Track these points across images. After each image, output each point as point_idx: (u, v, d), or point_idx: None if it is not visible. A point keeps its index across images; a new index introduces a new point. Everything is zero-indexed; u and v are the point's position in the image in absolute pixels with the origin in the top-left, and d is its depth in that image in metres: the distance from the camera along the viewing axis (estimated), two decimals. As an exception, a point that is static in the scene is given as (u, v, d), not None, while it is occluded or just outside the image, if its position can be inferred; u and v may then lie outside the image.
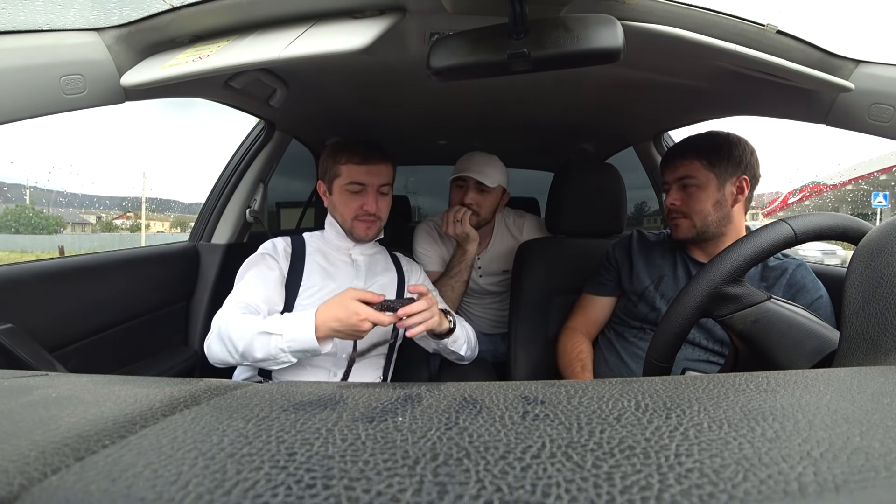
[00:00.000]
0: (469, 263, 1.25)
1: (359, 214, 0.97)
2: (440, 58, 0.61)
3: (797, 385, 0.23)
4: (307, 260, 0.98)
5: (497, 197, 1.29)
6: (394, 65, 0.96)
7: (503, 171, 1.29)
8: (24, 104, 0.61)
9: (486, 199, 1.26)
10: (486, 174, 1.23)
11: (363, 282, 1.00)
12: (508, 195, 1.35)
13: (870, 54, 0.74)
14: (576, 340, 1.02)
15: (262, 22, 0.70)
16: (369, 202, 0.96)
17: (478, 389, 0.25)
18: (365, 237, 0.99)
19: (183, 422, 0.20)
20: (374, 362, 0.99)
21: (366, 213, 0.96)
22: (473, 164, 1.25)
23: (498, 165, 1.28)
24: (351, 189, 0.96)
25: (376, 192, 0.97)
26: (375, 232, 1.00)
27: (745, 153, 0.88)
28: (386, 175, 0.98)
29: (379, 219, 0.99)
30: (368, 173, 0.96)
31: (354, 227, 0.98)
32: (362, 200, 0.96)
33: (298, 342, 0.76)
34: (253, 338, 0.77)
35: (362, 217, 0.97)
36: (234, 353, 0.78)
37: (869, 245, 0.36)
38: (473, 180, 1.23)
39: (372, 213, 0.97)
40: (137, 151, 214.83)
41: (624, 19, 0.60)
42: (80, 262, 0.93)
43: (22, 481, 0.15)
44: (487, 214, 1.28)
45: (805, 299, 0.83)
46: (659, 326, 0.56)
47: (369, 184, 0.96)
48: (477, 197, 1.25)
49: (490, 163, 1.26)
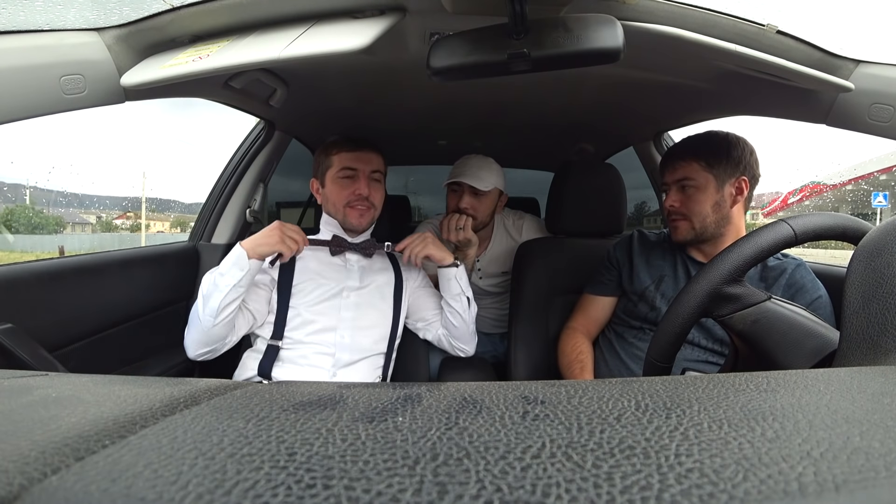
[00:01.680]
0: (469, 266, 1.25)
1: (351, 200, 0.97)
2: (440, 58, 0.61)
3: (797, 385, 0.23)
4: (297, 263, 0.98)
5: (493, 200, 1.29)
6: (394, 65, 0.96)
7: (498, 174, 1.29)
8: (24, 104, 0.61)
9: (481, 203, 1.26)
10: (480, 178, 1.23)
11: (357, 281, 1.00)
12: (506, 197, 1.35)
13: (870, 54, 0.74)
14: (576, 341, 1.02)
15: (262, 22, 0.70)
16: (361, 186, 0.97)
17: (478, 389, 0.25)
18: (358, 225, 0.99)
19: (183, 422, 0.20)
20: (373, 361, 0.99)
21: (358, 197, 0.97)
22: (467, 168, 1.25)
23: (493, 168, 1.28)
24: (343, 175, 0.97)
25: (368, 178, 0.98)
26: (369, 220, 1.00)
27: (744, 153, 0.87)
28: (377, 163, 1.00)
29: (372, 206, 0.99)
30: (359, 159, 0.98)
31: (348, 215, 0.98)
32: (354, 186, 0.97)
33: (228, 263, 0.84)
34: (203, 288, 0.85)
35: (355, 203, 0.97)
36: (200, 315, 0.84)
37: (869, 245, 0.36)
38: (468, 185, 1.23)
39: (365, 198, 0.97)
40: (137, 151, 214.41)
41: (624, 19, 0.60)
42: (80, 262, 0.93)
43: (22, 481, 0.15)
44: (484, 218, 1.28)
45: (804, 299, 0.83)
46: (659, 326, 0.56)
47: (360, 169, 0.97)
48: (472, 201, 1.25)
49: (484, 166, 1.26)
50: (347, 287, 0.98)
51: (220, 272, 0.84)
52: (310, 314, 0.94)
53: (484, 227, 1.31)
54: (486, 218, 1.29)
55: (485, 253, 1.38)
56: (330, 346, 0.93)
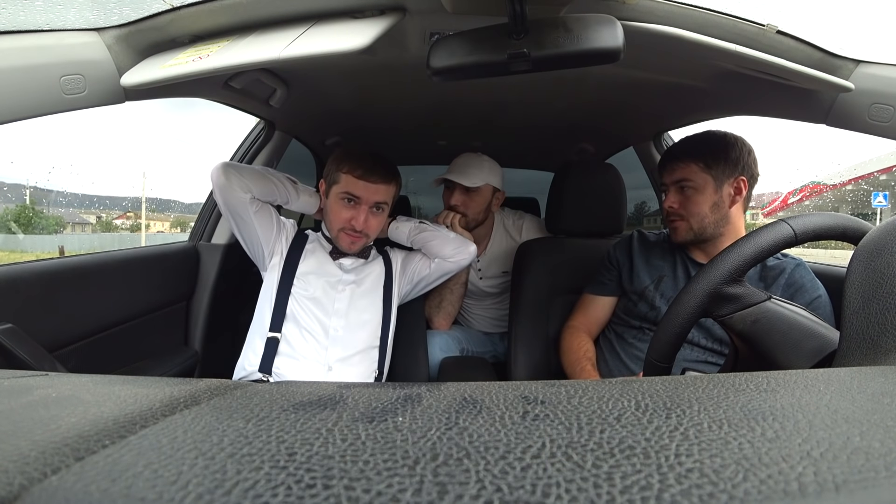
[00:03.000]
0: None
1: (345, 227, 0.96)
2: (440, 58, 0.61)
3: (797, 385, 0.23)
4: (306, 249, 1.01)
5: (486, 196, 1.29)
6: (394, 65, 0.96)
7: (490, 171, 1.29)
8: (24, 104, 0.61)
9: (472, 200, 1.26)
10: (468, 175, 1.24)
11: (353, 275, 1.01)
12: (502, 194, 1.34)
13: (870, 54, 0.74)
14: (581, 338, 1.02)
15: (262, 22, 0.70)
16: (359, 218, 0.94)
17: (478, 389, 0.25)
18: (348, 250, 0.99)
19: (183, 422, 0.20)
20: (368, 355, 1.00)
21: (352, 227, 0.95)
22: (457, 166, 1.27)
23: (483, 165, 1.28)
24: (344, 199, 0.95)
25: (369, 210, 0.95)
26: (359, 247, 0.99)
27: (742, 153, 0.87)
28: (384, 194, 0.97)
29: (366, 236, 0.98)
30: (366, 189, 0.94)
31: (339, 238, 0.98)
32: (352, 213, 0.95)
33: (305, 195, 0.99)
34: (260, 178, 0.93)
35: (349, 230, 0.96)
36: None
37: (869, 245, 0.36)
38: (456, 182, 1.24)
39: (358, 231, 0.95)
40: (137, 151, 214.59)
41: (624, 19, 0.60)
42: (80, 262, 0.93)
43: (22, 481, 0.15)
44: (476, 215, 1.28)
45: (804, 299, 0.83)
46: (659, 326, 0.56)
47: (364, 199, 0.95)
48: (463, 198, 1.25)
49: (474, 164, 1.27)
50: (343, 280, 0.99)
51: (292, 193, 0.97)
52: (306, 307, 0.96)
53: (479, 224, 1.31)
54: (478, 215, 1.29)
55: (484, 253, 1.38)
56: (325, 340, 0.94)
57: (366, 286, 1.02)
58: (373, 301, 1.02)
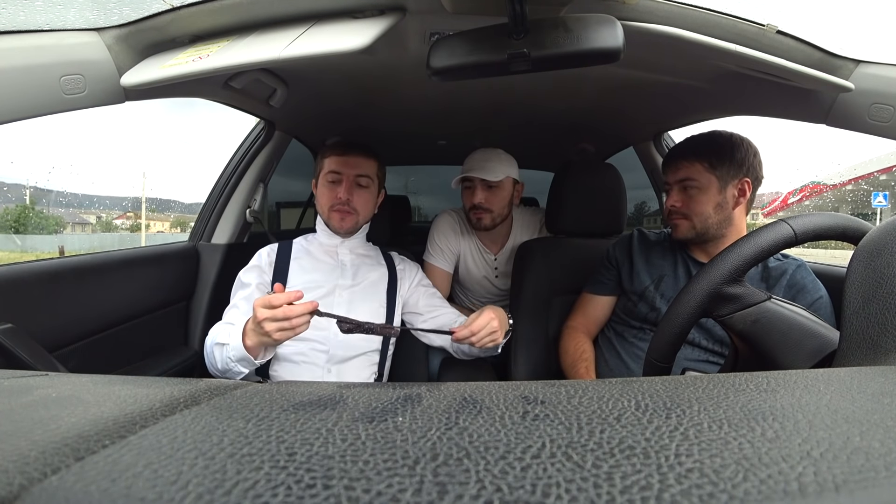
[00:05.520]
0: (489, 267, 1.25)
1: (334, 204, 0.98)
2: (440, 58, 0.61)
3: (797, 385, 0.23)
4: (291, 265, 0.99)
5: (508, 189, 1.26)
6: (394, 65, 0.96)
7: (509, 163, 1.26)
8: (24, 104, 0.61)
9: (495, 195, 1.23)
10: (490, 169, 1.21)
11: (350, 279, 1.00)
12: (522, 186, 1.32)
13: (870, 54, 0.74)
14: (578, 340, 1.02)
15: (262, 22, 0.70)
16: (341, 190, 0.97)
17: (478, 389, 0.25)
18: (340, 229, 1.00)
19: (183, 422, 0.20)
20: (368, 358, 1.00)
21: (338, 200, 0.97)
22: (476, 161, 1.24)
23: (502, 158, 1.25)
24: (329, 179, 0.98)
25: (352, 183, 0.99)
26: (350, 224, 1.00)
27: (747, 155, 0.87)
28: (365, 167, 1.00)
29: (354, 210, 0.99)
30: (345, 163, 0.98)
31: (331, 219, 1.00)
32: (337, 190, 0.98)
33: (237, 350, 0.77)
34: (213, 349, 0.83)
35: (336, 206, 0.98)
36: (213, 369, 0.85)
37: (869, 245, 0.36)
38: (479, 178, 1.21)
39: (343, 202, 0.97)
40: (137, 151, 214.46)
41: (624, 19, 0.60)
42: (80, 262, 0.93)
43: (22, 481, 0.15)
44: (501, 210, 1.26)
45: (805, 300, 0.83)
46: (659, 326, 0.56)
47: (345, 173, 0.98)
48: (486, 194, 1.23)
49: (493, 157, 1.24)
50: (340, 286, 0.99)
51: (227, 356, 0.78)
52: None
53: (504, 219, 1.29)
54: (503, 210, 1.26)
55: (502, 251, 1.35)
56: (324, 343, 0.94)
57: (365, 289, 1.01)
58: (373, 307, 1.01)
